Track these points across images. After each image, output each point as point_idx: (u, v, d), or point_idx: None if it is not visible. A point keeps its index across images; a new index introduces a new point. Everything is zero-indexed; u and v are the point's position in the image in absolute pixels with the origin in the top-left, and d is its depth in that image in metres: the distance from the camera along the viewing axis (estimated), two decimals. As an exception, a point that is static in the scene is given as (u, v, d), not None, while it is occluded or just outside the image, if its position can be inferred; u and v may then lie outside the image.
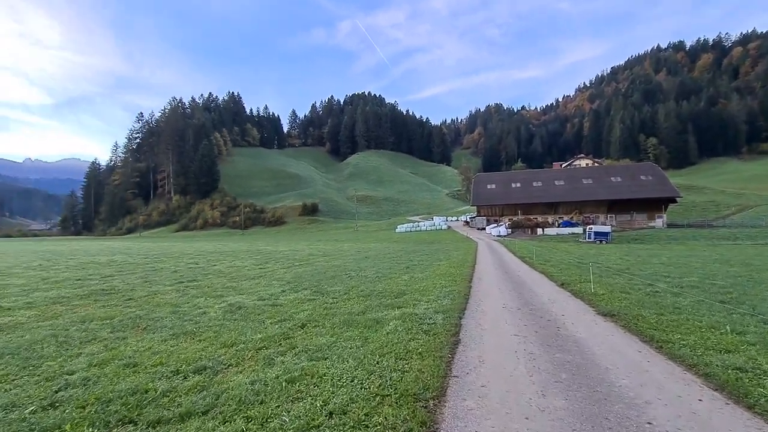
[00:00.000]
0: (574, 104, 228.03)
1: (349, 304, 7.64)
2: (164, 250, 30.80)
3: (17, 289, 11.13)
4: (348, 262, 18.47)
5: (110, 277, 14.08)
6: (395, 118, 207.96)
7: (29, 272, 15.73)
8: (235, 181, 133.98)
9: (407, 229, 62.84)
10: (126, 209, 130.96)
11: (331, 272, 14.18)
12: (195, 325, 6.40)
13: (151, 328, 6.41)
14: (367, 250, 27.48)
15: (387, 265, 16.12)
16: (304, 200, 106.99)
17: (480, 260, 18.35)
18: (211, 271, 15.44)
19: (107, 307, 8.36)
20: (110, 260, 21.17)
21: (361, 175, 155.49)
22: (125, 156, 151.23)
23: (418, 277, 11.84)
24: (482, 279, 11.45)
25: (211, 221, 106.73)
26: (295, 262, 19.10)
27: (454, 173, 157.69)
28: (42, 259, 22.63)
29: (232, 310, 7.64)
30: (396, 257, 20.51)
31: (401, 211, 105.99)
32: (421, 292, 8.82)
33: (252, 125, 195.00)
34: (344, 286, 10.39)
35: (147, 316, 7.27)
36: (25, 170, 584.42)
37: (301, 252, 26.73)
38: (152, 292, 10.28)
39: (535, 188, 59.75)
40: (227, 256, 23.80)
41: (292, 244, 41.18)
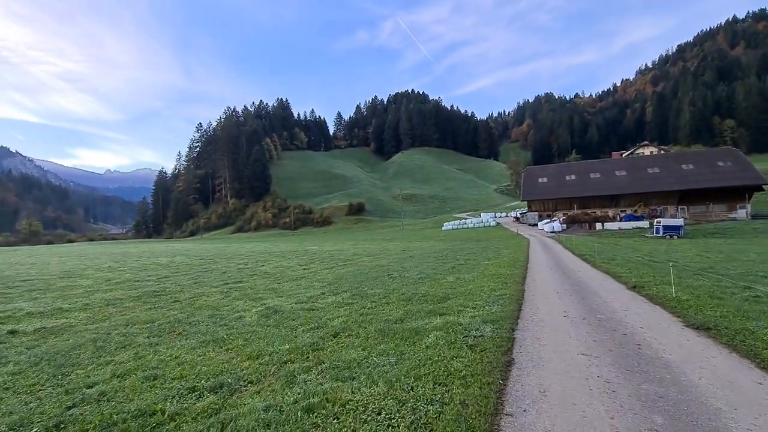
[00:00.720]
0: (634, 88, 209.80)
1: (388, 310, 7.04)
2: (219, 252, 32.22)
3: (82, 290, 11.80)
4: (392, 262, 17.95)
5: (165, 278, 14.66)
6: (439, 114, 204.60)
7: (97, 273, 16.85)
8: (285, 184, 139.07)
9: (454, 226, 61.18)
10: (189, 213, 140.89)
11: (374, 273, 13.71)
12: (228, 331, 6.15)
13: (185, 333, 6.26)
14: (411, 249, 26.81)
15: (432, 265, 15.35)
16: (350, 200, 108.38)
17: (533, 259, 16.96)
18: (258, 272, 15.60)
19: (153, 310, 8.48)
20: (170, 261, 22.33)
21: (406, 174, 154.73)
22: (187, 164, 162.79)
23: (464, 278, 10.98)
24: (537, 281, 10.33)
25: (263, 223, 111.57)
26: (338, 263, 18.93)
27: (502, 168, 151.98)
28: (112, 260, 24.43)
29: (267, 314, 7.36)
30: (441, 256, 19.63)
31: (447, 209, 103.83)
32: (467, 296, 8.00)
33: (300, 129, 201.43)
34: (385, 288, 9.83)
35: (186, 320, 7.19)
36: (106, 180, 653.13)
37: (346, 252, 26.65)
38: (198, 294, 10.41)
39: (593, 180, 55.45)
40: (275, 256, 24.24)
41: (339, 243, 41.50)
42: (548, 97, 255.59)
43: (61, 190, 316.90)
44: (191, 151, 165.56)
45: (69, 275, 16.26)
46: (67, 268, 19.64)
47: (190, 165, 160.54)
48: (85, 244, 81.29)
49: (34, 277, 15.89)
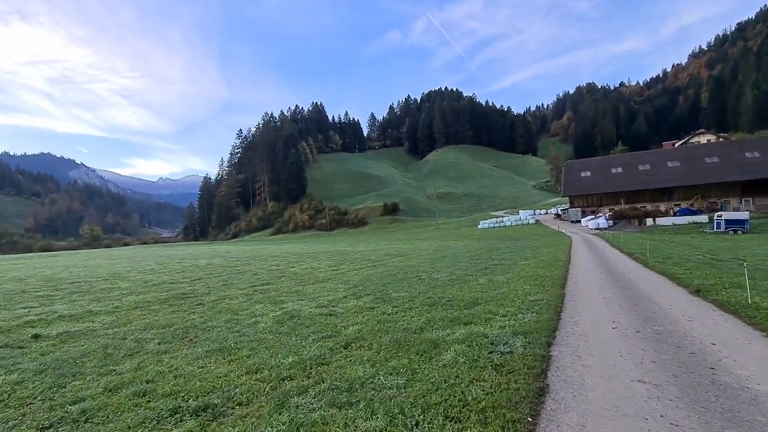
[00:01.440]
0: (687, 73, 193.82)
1: (409, 316, 6.44)
2: (256, 253, 32.88)
3: (118, 292, 12.12)
4: (423, 263, 17.28)
5: (198, 280, 14.89)
6: (474, 110, 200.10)
7: (138, 276, 17.46)
8: (321, 186, 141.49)
9: (490, 225, 59.20)
10: (231, 216, 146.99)
11: (402, 274, 13.12)
12: (237, 339, 5.81)
13: (196, 340, 5.99)
14: (445, 249, 25.93)
15: (464, 266, 14.52)
16: (385, 200, 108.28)
17: (575, 258, 15.63)
18: (287, 274, 15.49)
19: (175, 313, 8.39)
20: (208, 263, 22.89)
21: (440, 172, 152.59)
22: (229, 169, 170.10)
23: (497, 280, 10.12)
24: (579, 284, 9.28)
25: (300, 224, 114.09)
26: (368, 263, 18.54)
27: (541, 163, 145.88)
28: (156, 263, 25.47)
29: (283, 320, 6.99)
30: (475, 256, 18.67)
31: (483, 207, 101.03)
32: (498, 301, 7.20)
33: (334, 132, 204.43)
34: (410, 291, 9.22)
35: (202, 325, 6.98)
36: (158, 187, 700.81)
37: (378, 252, 26.24)
38: (222, 297, 10.32)
39: (642, 172, 51.58)
40: (307, 257, 24.25)
41: (372, 244, 41.23)
42: (590, 87, 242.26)
43: (120, 197, 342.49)
44: (232, 156, 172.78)
45: (113, 277, 16.96)
46: (115, 271, 20.64)
47: (231, 170, 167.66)
48: (138, 248, 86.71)
49: (82, 279, 16.73)
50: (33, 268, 24.96)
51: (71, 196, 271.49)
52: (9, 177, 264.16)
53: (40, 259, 39.56)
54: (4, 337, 6.78)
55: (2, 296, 12.06)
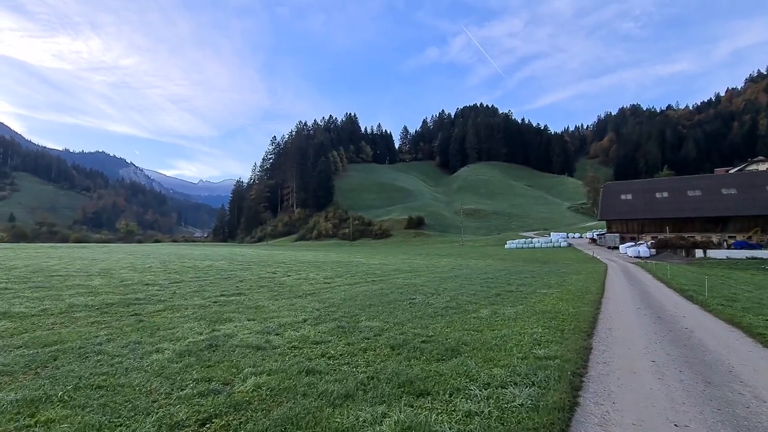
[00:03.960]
0: (742, 98, 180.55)
1: (353, 365, 4.42)
2: (265, 258, 31.69)
3: (73, 291, 10.82)
4: (429, 282, 15.13)
5: (176, 283, 13.52)
6: (509, 127, 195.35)
7: (125, 273, 16.39)
8: (348, 195, 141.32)
9: (518, 245, 55.67)
10: (259, 220, 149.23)
11: (395, 295, 11.04)
12: (90, 380, 3.97)
13: (46, 375, 4.19)
14: (461, 268, 23.54)
15: (472, 290, 12.25)
16: (410, 213, 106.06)
17: (611, 291, 12.94)
18: (272, 284, 13.79)
19: (88, 326, 6.76)
20: (209, 266, 21.69)
21: (470, 188, 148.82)
22: (260, 174, 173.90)
23: (503, 314, 7.86)
24: (614, 331, 6.84)
25: (324, 232, 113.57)
26: (370, 278, 16.60)
27: (578, 185, 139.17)
28: (161, 261, 24.60)
29: (193, 350, 5.14)
30: (492, 278, 16.25)
31: (513, 226, 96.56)
32: (489, 351, 5.01)
33: (366, 143, 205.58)
34: (386, 320, 7.18)
35: (93, 348, 5.25)
36: (198, 189, 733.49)
37: (389, 266, 24.22)
38: (170, 307, 8.70)
39: (692, 199, 46.79)
40: (311, 267, 22.61)
41: (389, 257, 39.19)
42: (634, 109, 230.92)
43: (161, 196, 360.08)
44: (265, 162, 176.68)
45: (98, 274, 15.88)
46: (108, 267, 19.70)
47: (263, 175, 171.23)
48: (165, 245, 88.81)
49: (61, 272, 15.76)
50: (30, 257, 24.69)
51: (117, 192, 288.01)
52: (64, 172, 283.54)
53: (53, 250, 40.28)
54: None
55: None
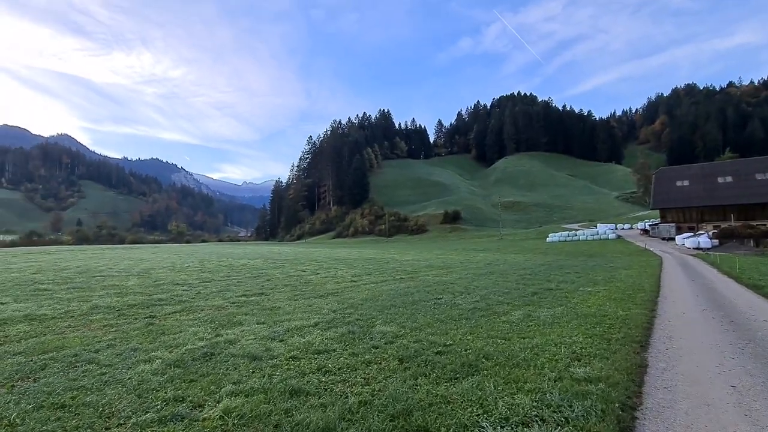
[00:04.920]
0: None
1: (348, 383, 3.77)
2: (299, 256, 31.93)
3: (103, 292, 11.06)
4: (460, 279, 14.22)
5: (206, 282, 13.62)
6: (549, 116, 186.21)
7: (161, 273, 16.84)
8: (384, 192, 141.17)
9: (561, 238, 52.65)
10: (297, 219, 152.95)
11: (421, 294, 10.30)
12: (75, 394, 3.64)
13: (22, 389, 3.91)
14: (498, 263, 22.28)
15: (507, 288, 11.23)
16: (446, 208, 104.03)
17: (669, 288, 11.40)
18: (297, 283, 13.52)
19: (100, 329, 6.67)
20: (244, 264, 22.01)
21: (508, 180, 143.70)
22: (298, 174, 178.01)
23: (538, 317, 6.90)
24: (675, 340, 5.70)
25: (360, 229, 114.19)
26: (399, 275, 15.95)
27: (626, 172, 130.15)
28: (200, 260, 25.36)
29: (188, 359, 4.75)
30: (530, 275, 15.03)
31: (555, 218, 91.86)
32: (518, 365, 4.17)
33: (400, 138, 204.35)
34: (404, 325, 6.48)
35: (86, 355, 5.01)
36: (242, 190, 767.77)
37: (422, 262, 23.43)
38: (187, 309, 8.54)
39: (761, 182, 41.88)
40: (341, 264, 22.33)
41: (424, 252, 38.33)
42: (689, 89, 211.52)
43: (208, 198, 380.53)
44: (301, 162, 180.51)
45: (137, 274, 16.37)
46: (149, 266, 20.44)
47: (300, 175, 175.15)
48: (210, 245, 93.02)
49: (104, 273, 16.38)
50: (85, 258, 26.20)
51: (169, 196, 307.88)
52: (123, 179, 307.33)
53: (108, 251, 42.94)
54: None
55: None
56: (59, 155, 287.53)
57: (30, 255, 31.66)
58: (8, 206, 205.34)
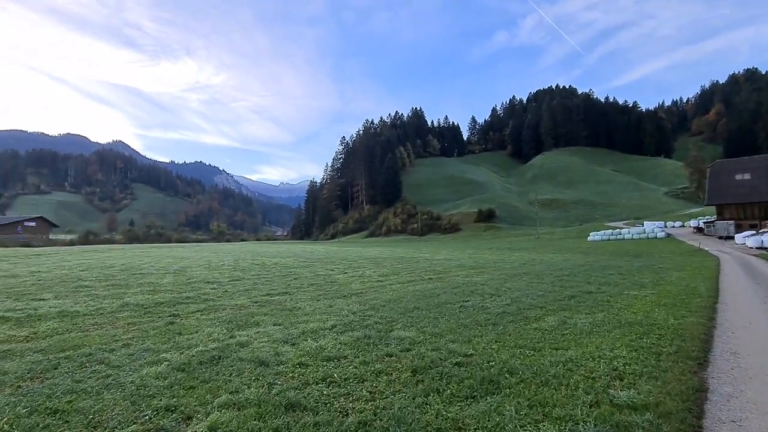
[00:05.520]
0: None
1: (344, 404, 3.39)
2: (331, 254, 32.13)
3: (138, 289, 11.39)
4: (492, 280, 13.53)
5: (236, 281, 13.80)
6: (590, 108, 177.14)
7: (196, 271, 17.29)
8: (416, 190, 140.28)
9: (603, 237, 49.79)
10: (331, 218, 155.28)
11: (447, 296, 9.79)
12: (73, 397, 3.54)
13: (31, 389, 3.86)
14: (533, 263, 21.17)
15: (541, 290, 10.48)
16: (480, 206, 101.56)
17: (729, 293, 10.16)
18: (323, 282, 13.39)
19: (125, 326, 6.75)
20: (275, 263, 22.31)
21: (546, 177, 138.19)
22: (331, 174, 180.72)
23: (575, 325, 6.22)
24: (742, 352, 4.86)
25: (393, 228, 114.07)
26: (428, 275, 15.47)
27: (676, 166, 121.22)
28: (235, 258, 26.08)
29: (195, 362, 4.60)
30: (568, 276, 14.06)
31: (597, 216, 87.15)
32: (547, 382, 3.63)
33: (433, 136, 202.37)
34: (425, 329, 6.05)
35: (99, 355, 5.00)
36: (279, 191, 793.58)
37: (452, 262, 22.75)
38: (214, 307, 8.58)
39: (841, 175, 37.32)
40: (370, 263, 22.10)
41: (456, 252, 37.45)
42: (750, 74, 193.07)
43: (247, 199, 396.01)
44: (335, 162, 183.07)
45: (175, 272, 16.89)
46: (186, 264, 21.17)
47: (333, 175, 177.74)
48: (248, 243, 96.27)
49: (145, 270, 17.06)
50: (131, 257, 27.59)
51: (212, 197, 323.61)
52: (170, 181, 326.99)
53: (155, 249, 45.22)
54: None
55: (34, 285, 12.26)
56: (114, 160, 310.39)
57: (84, 253, 33.94)
58: (70, 208, 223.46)
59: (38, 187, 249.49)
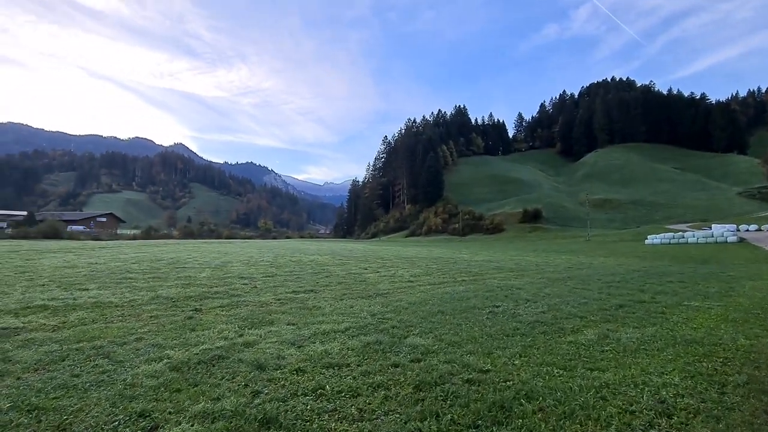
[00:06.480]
0: None
1: (327, 423, 2.99)
2: (368, 254, 32.01)
3: (172, 282, 11.78)
4: (530, 284, 12.58)
5: (269, 277, 13.91)
6: (650, 102, 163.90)
7: (235, 266, 17.68)
8: (459, 189, 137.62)
9: (663, 240, 45.62)
10: (372, 217, 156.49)
11: (477, 300, 9.13)
12: (63, 393, 3.47)
13: (29, 382, 3.86)
14: (581, 267, 19.59)
15: (584, 297, 9.48)
16: (526, 206, 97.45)
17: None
18: (352, 281, 13.14)
19: (147, 319, 6.85)
20: (312, 260, 22.49)
21: (599, 176, 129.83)
22: (373, 173, 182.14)
23: (619, 339, 5.39)
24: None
25: (433, 228, 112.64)
26: (463, 276, 14.76)
27: (752, 164, 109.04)
28: (276, 255, 26.72)
29: (194, 362, 4.44)
30: (619, 282, 12.73)
31: (657, 218, 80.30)
32: (572, 415, 2.95)
33: (477, 134, 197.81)
34: (440, 339, 5.52)
35: (109, 347, 5.02)
36: (323, 190, 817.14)
37: (492, 263, 21.68)
38: (238, 303, 8.58)
39: None
40: (405, 263, 21.60)
41: (497, 253, 35.95)
42: None
43: (293, 198, 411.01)
44: (377, 161, 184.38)
45: (216, 266, 17.42)
46: (227, 260, 21.93)
47: (375, 174, 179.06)
48: (292, 241, 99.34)
49: (188, 264, 17.81)
50: (182, 251, 29.13)
51: (261, 196, 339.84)
52: (224, 181, 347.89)
53: (205, 245, 47.64)
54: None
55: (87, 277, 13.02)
56: (175, 161, 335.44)
57: (141, 247, 36.50)
58: (136, 205, 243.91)
59: (110, 186, 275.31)
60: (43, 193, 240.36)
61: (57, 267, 15.44)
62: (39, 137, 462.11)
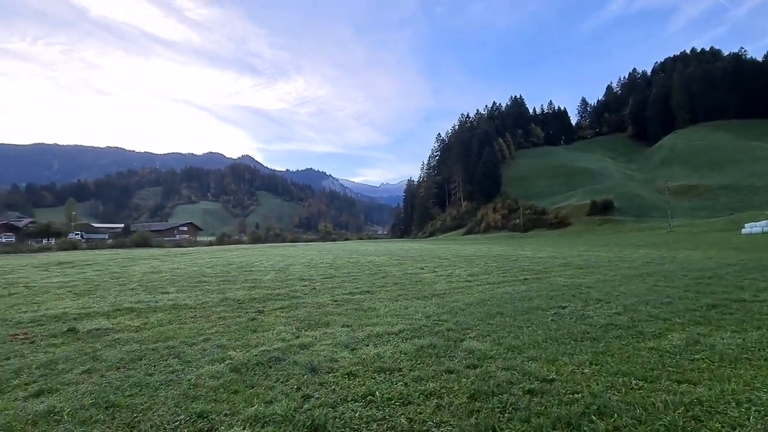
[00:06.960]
0: None
1: (378, 430, 2.88)
2: (425, 253, 31.72)
3: (239, 285, 12.54)
4: (601, 281, 11.53)
5: (328, 278, 14.26)
6: (740, 73, 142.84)
7: (297, 269, 18.46)
8: (518, 183, 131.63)
9: (765, 228, 39.58)
10: (429, 216, 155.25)
11: (540, 301, 8.53)
12: (136, 391, 3.77)
13: (109, 380, 4.27)
14: (662, 261, 17.56)
15: (668, 295, 8.43)
16: (594, 197, 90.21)
17: None
18: (408, 281, 13.06)
19: (216, 320, 7.31)
20: (369, 261, 22.82)
21: (680, 160, 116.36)
22: (428, 172, 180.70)
23: (713, 345, 4.65)
24: None
25: (492, 224, 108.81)
26: (523, 275, 13.96)
27: None
28: (335, 256, 27.57)
29: (252, 363, 4.61)
30: (710, 278, 11.17)
31: (755, 203, 69.81)
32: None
33: (536, 125, 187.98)
34: (499, 343, 5.18)
35: (180, 348, 5.41)
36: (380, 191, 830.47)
37: (557, 260, 20.33)
38: (297, 305, 8.88)
39: None
40: (462, 262, 21.04)
41: (564, 249, 33.65)
42: None
43: (351, 200, 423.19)
44: (431, 159, 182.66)
45: (281, 270, 18.25)
46: (290, 263, 22.96)
47: (430, 172, 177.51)
48: (351, 242, 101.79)
49: (255, 268, 18.95)
50: (251, 255, 31.10)
51: (320, 200, 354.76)
52: (285, 188, 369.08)
53: (270, 249, 50.50)
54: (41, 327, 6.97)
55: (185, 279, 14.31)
56: (243, 172, 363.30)
57: (215, 252, 39.67)
58: (212, 214, 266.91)
59: (190, 198, 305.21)
60: (136, 207, 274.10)
61: (145, 272, 17.25)
62: (131, 158, 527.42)
